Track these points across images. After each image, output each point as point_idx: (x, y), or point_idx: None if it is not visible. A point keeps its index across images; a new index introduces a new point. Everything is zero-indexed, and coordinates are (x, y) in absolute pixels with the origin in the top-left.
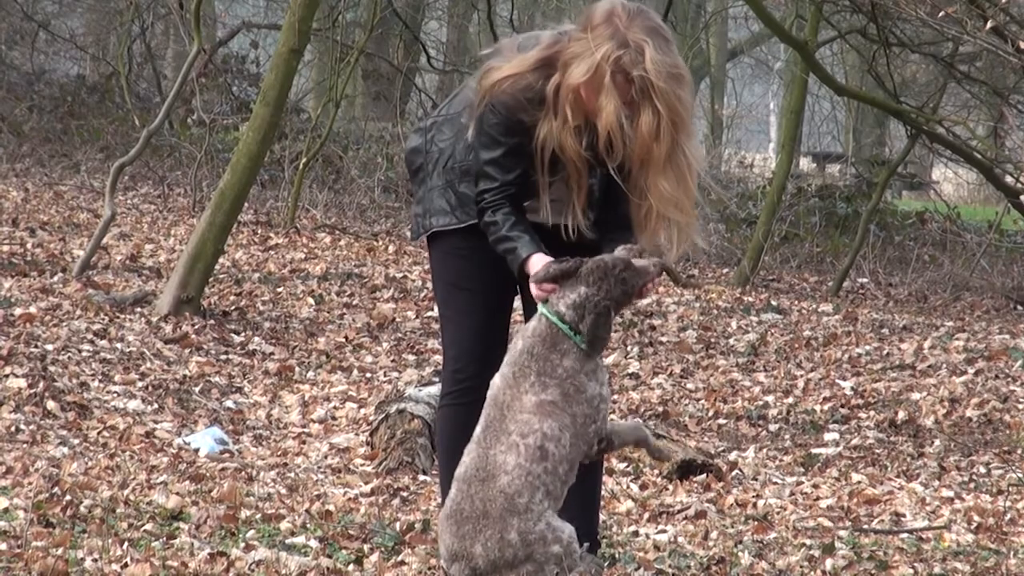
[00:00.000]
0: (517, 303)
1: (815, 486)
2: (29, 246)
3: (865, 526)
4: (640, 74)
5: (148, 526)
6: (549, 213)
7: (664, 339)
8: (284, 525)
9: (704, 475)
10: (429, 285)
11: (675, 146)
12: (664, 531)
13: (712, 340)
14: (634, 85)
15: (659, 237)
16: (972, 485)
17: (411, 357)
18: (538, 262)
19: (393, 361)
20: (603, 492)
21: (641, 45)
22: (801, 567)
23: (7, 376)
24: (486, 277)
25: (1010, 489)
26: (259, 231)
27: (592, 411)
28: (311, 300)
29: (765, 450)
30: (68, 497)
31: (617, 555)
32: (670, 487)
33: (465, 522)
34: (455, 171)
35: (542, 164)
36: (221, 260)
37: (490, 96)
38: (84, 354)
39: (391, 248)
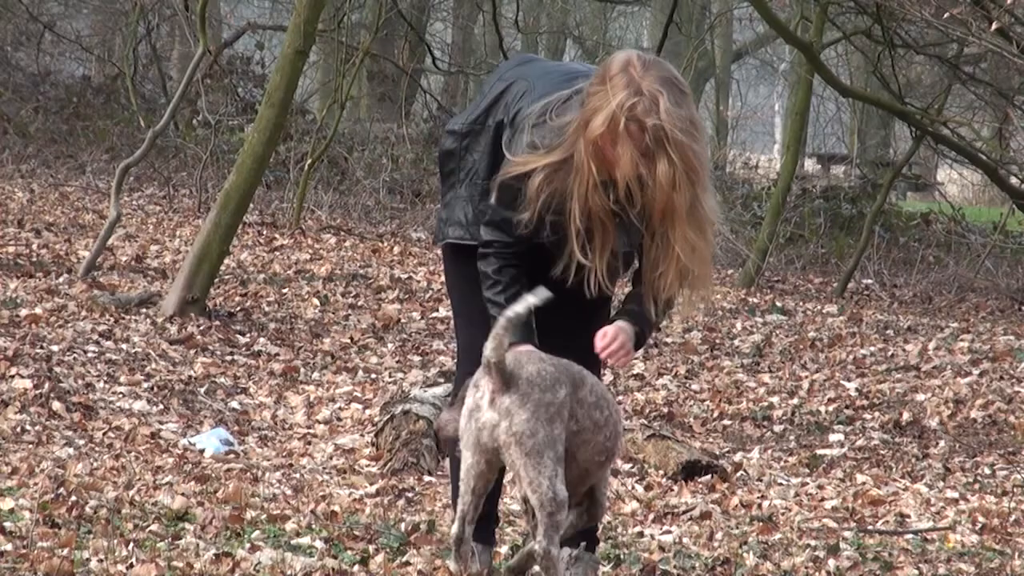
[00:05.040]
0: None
1: (820, 487)
2: (35, 247)
3: (870, 527)
4: (654, 123)
5: (153, 527)
6: (572, 272)
7: (669, 340)
8: (289, 526)
9: (709, 476)
10: (434, 286)
11: (696, 197)
12: (669, 532)
13: (717, 341)
14: (648, 134)
15: (674, 294)
16: (977, 486)
17: (416, 358)
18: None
19: (398, 362)
20: (608, 493)
21: (656, 95)
22: (806, 568)
23: (12, 377)
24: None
25: (1015, 490)
26: (264, 232)
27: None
28: (316, 301)
29: (770, 451)
30: (73, 498)
31: (622, 555)
32: (675, 488)
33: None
34: (478, 187)
35: (575, 226)
36: (226, 261)
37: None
38: (89, 355)
39: (396, 249)
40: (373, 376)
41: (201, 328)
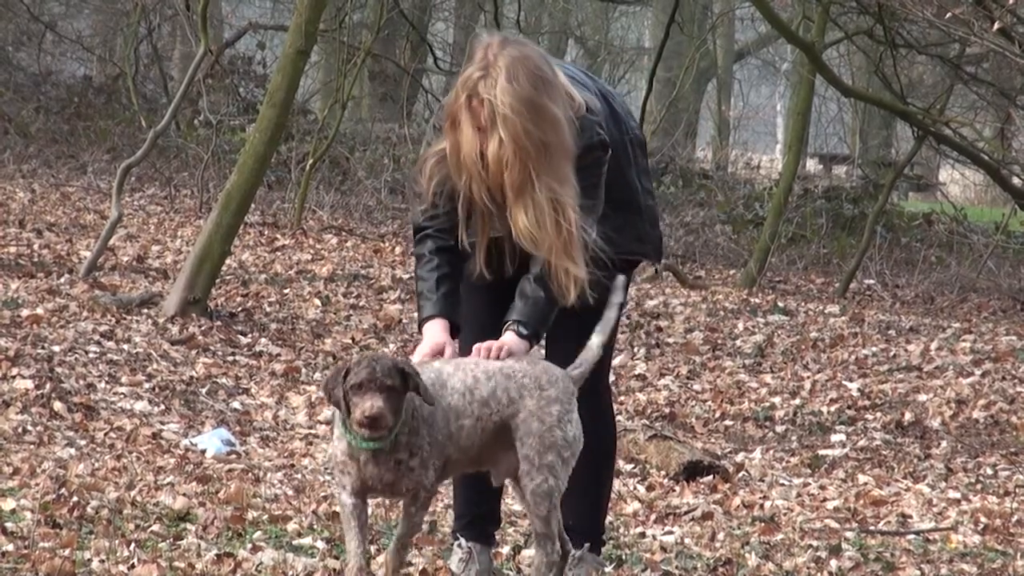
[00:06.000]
0: None
1: (822, 487)
2: (36, 247)
3: (872, 527)
4: (487, 97)
5: (155, 527)
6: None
7: (671, 340)
8: (291, 526)
9: (711, 476)
10: None
11: (530, 180)
12: (671, 532)
13: (719, 341)
14: (483, 110)
15: (568, 285)
16: (979, 486)
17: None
18: (430, 331)
19: None
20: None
21: (496, 73)
22: (808, 568)
23: (14, 377)
24: (500, 276)
25: (1017, 490)
26: (266, 232)
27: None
28: (318, 301)
29: (772, 451)
30: (75, 498)
31: (624, 556)
32: (677, 488)
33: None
34: None
35: (462, 212)
36: (228, 261)
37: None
38: (91, 355)
39: (398, 249)
40: None
41: (202, 328)
